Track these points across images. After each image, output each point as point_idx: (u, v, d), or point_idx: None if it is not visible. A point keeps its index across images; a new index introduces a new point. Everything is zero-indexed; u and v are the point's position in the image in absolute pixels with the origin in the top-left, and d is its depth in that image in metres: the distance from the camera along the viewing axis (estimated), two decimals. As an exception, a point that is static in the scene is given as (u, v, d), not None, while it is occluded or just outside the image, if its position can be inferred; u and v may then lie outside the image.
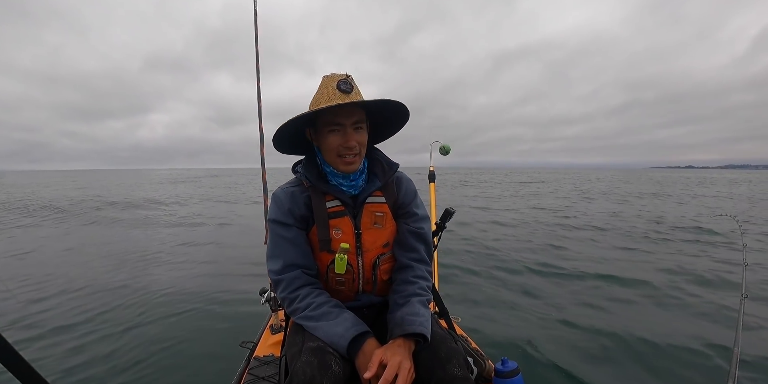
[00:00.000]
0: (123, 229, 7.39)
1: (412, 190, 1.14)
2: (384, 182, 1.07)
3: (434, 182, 2.22)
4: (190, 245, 5.69)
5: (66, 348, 2.35)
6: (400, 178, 1.13)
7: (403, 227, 1.10)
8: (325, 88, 0.97)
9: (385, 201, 1.08)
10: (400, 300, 1.01)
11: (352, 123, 0.97)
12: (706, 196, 15.52)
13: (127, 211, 10.46)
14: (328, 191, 1.03)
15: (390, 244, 1.09)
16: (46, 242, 6.09)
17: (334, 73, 0.99)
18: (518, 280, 3.88)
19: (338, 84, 0.94)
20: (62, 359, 2.21)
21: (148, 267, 4.36)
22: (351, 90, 0.95)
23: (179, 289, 3.48)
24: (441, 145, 2.04)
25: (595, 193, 16.22)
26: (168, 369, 2.12)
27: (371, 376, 0.82)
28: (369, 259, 1.05)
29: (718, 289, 3.54)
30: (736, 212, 8.75)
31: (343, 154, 0.98)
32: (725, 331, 2.62)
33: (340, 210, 1.03)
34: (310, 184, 1.04)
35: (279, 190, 1.08)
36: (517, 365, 1.13)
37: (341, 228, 1.02)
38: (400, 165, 1.11)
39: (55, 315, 2.87)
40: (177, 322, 2.75)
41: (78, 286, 3.58)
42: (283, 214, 1.03)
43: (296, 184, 1.08)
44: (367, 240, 1.04)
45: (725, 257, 4.77)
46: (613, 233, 6.60)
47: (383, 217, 1.06)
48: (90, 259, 4.85)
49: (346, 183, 1.05)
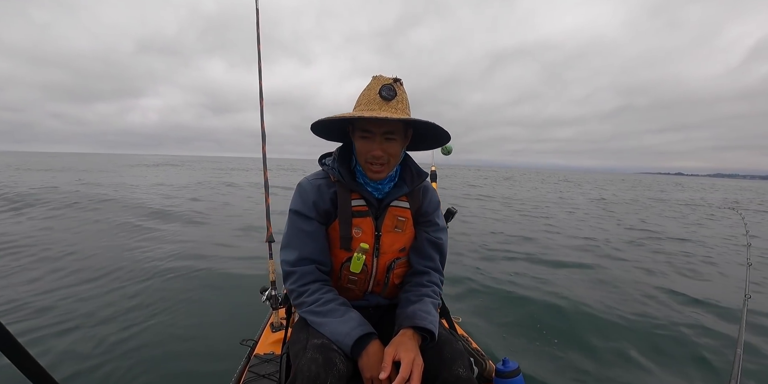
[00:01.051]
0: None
1: (435, 200, 1.16)
2: (411, 189, 1.08)
3: (436, 182, 2.21)
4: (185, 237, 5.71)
5: (63, 344, 2.36)
6: (426, 187, 1.15)
7: (423, 235, 1.11)
8: (369, 91, 0.96)
9: (409, 207, 1.08)
10: (413, 297, 1.03)
11: (382, 133, 0.95)
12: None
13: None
14: (356, 189, 1.03)
15: (406, 249, 1.10)
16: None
17: (383, 76, 0.97)
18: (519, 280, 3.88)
19: (381, 89, 0.93)
20: (61, 356, 2.22)
21: (143, 264, 4.37)
22: (393, 97, 0.94)
23: (177, 287, 3.48)
24: (443, 145, 2.03)
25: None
26: (167, 367, 2.12)
27: (386, 376, 0.82)
28: (384, 261, 1.06)
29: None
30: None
31: (370, 161, 0.98)
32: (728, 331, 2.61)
33: (364, 210, 1.03)
34: (338, 179, 1.03)
35: (305, 181, 1.07)
36: (518, 365, 1.13)
37: (362, 228, 1.03)
38: (428, 175, 1.12)
39: (52, 299, 2.88)
40: (176, 321, 2.75)
41: (78, 277, 3.60)
42: (306, 207, 1.02)
43: (323, 177, 1.07)
44: (385, 242, 1.05)
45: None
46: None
47: (405, 223, 1.07)
48: (85, 248, 4.86)
49: (372, 185, 1.05)
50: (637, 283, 3.84)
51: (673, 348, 2.40)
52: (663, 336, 2.57)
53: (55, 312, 2.83)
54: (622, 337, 2.53)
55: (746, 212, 5.55)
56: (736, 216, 7.83)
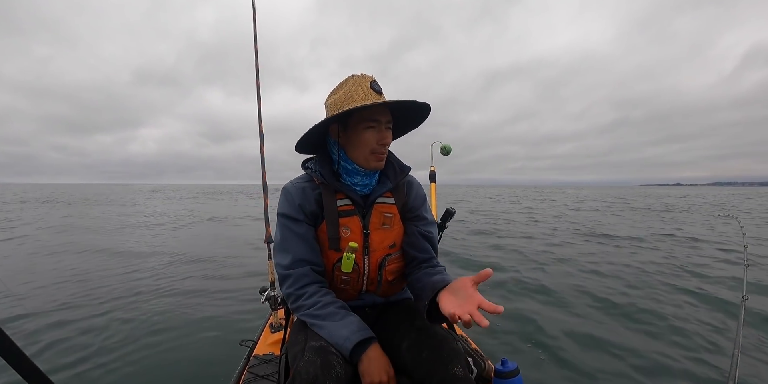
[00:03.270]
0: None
1: (422, 194, 1.16)
2: (395, 184, 1.09)
3: (435, 182, 2.21)
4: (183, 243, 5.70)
5: (62, 344, 2.35)
6: (411, 181, 1.15)
7: (413, 229, 1.11)
8: (359, 87, 0.98)
9: (394, 202, 1.09)
10: (432, 271, 1.03)
11: (387, 121, 1.00)
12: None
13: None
14: (340, 189, 1.04)
15: (397, 245, 1.10)
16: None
17: (364, 74, 1.01)
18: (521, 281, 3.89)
19: (372, 84, 0.98)
20: (59, 355, 2.21)
21: (144, 264, 4.37)
22: (382, 91, 0.99)
23: (177, 288, 3.48)
24: (442, 145, 2.02)
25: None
26: (167, 367, 2.12)
27: (386, 380, 0.87)
28: (375, 259, 1.06)
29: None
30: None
31: (378, 151, 1.01)
32: (725, 331, 2.62)
33: (350, 209, 1.04)
34: (322, 181, 1.04)
35: (289, 185, 1.08)
36: (517, 366, 1.13)
37: (350, 227, 1.03)
38: (411, 168, 1.13)
39: (49, 305, 2.88)
40: (176, 321, 2.75)
41: (76, 281, 3.59)
42: (293, 209, 1.03)
43: (307, 180, 1.08)
44: (374, 240, 1.05)
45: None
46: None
47: (391, 218, 1.07)
48: (85, 249, 4.85)
49: (361, 182, 1.06)
50: (637, 283, 3.86)
51: (671, 348, 2.41)
52: (661, 336, 2.58)
53: (53, 311, 2.82)
54: (620, 338, 2.54)
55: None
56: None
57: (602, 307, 3.15)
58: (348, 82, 1.00)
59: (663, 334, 2.60)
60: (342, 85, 1.01)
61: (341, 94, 0.99)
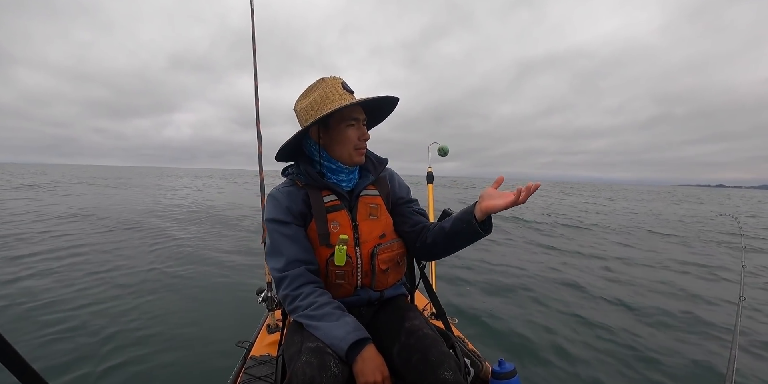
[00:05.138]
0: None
1: (405, 184, 1.24)
2: (376, 176, 1.15)
3: (432, 183, 2.21)
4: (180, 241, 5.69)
5: (59, 343, 2.34)
6: (391, 174, 1.22)
7: (408, 210, 1.18)
8: (332, 88, 1.03)
9: (378, 194, 1.14)
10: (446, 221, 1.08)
11: (363, 118, 1.08)
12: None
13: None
14: (326, 187, 1.08)
15: (386, 235, 1.13)
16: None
17: (333, 76, 1.07)
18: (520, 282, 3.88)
19: (343, 85, 1.04)
20: (57, 355, 2.20)
21: (139, 264, 4.35)
22: (353, 91, 1.06)
23: (173, 289, 3.46)
24: (439, 146, 2.02)
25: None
26: (163, 368, 2.11)
27: (381, 380, 0.86)
28: (367, 249, 1.08)
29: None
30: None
31: (360, 146, 1.08)
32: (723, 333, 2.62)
33: (337, 204, 1.08)
34: (305, 183, 1.09)
35: (275, 191, 1.11)
36: (514, 367, 1.12)
37: (339, 221, 1.06)
38: (388, 161, 1.19)
39: (44, 310, 2.86)
40: (172, 321, 2.73)
41: (74, 277, 3.57)
42: (281, 212, 1.05)
43: (290, 185, 1.12)
44: (364, 231, 1.08)
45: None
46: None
47: (377, 209, 1.12)
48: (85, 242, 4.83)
49: (345, 178, 1.11)
50: (637, 282, 3.86)
51: (669, 349, 2.41)
52: (659, 337, 2.58)
53: (46, 310, 2.81)
54: (619, 338, 2.54)
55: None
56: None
57: (603, 306, 3.15)
58: (320, 85, 1.05)
59: (663, 335, 2.61)
60: (313, 89, 1.05)
61: (316, 96, 1.04)
